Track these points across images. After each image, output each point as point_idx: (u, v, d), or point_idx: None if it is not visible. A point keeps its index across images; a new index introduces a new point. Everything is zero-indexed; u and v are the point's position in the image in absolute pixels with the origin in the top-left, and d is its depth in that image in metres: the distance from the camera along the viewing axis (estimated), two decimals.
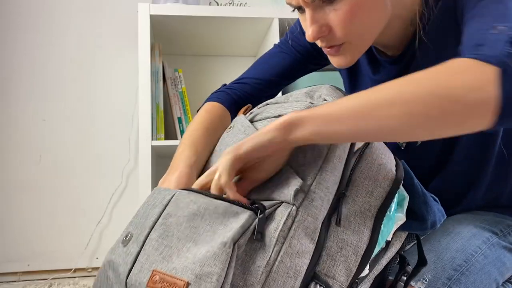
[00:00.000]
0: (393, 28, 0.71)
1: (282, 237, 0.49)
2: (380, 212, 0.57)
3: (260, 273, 0.47)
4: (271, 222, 0.50)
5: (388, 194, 0.58)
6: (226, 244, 0.45)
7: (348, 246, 0.55)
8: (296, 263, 0.50)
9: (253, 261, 0.48)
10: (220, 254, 0.45)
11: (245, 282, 0.47)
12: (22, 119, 1.69)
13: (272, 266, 0.48)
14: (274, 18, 1.48)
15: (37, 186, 1.67)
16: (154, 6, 1.44)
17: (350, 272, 0.55)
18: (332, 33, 0.65)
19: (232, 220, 0.48)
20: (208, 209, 0.50)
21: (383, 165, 0.59)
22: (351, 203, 0.57)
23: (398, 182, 0.59)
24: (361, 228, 0.56)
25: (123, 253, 0.53)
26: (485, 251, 0.72)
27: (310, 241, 0.51)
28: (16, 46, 1.71)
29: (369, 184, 0.58)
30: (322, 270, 0.53)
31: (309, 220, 0.51)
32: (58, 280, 1.62)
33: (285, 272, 0.49)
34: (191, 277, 0.44)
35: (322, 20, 0.64)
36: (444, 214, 0.67)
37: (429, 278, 0.66)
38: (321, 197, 0.52)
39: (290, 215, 0.50)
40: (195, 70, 1.82)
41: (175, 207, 0.53)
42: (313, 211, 0.51)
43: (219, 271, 0.44)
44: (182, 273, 0.45)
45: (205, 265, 0.44)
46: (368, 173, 0.58)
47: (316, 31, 0.64)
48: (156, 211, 0.54)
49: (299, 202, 0.51)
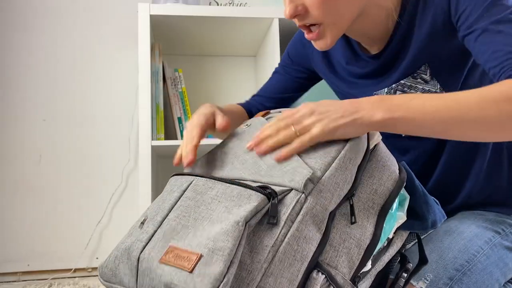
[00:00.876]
0: (372, 15, 0.75)
1: (290, 221, 0.51)
2: (383, 209, 0.60)
3: (267, 252, 0.49)
4: (280, 206, 0.52)
5: (391, 193, 0.60)
6: (239, 223, 0.48)
7: (351, 239, 0.57)
8: (303, 247, 0.51)
9: (260, 241, 0.50)
10: (232, 231, 0.47)
11: (253, 260, 0.49)
12: (22, 119, 1.69)
13: (279, 246, 0.50)
14: (274, 18, 1.48)
15: (37, 186, 1.67)
16: (154, 6, 1.44)
17: (352, 265, 0.56)
18: (307, 13, 0.72)
19: (246, 201, 0.51)
20: (225, 193, 0.54)
21: (387, 167, 0.62)
22: (355, 199, 0.59)
23: (402, 183, 0.62)
24: (364, 223, 0.58)
25: (138, 233, 0.56)
26: (487, 251, 0.72)
27: (317, 230, 0.53)
28: (16, 46, 1.71)
29: (374, 183, 0.60)
30: (324, 260, 0.55)
31: (317, 209, 0.53)
32: (58, 280, 1.62)
33: (292, 255, 0.50)
34: (205, 250, 0.47)
35: (298, 0, 0.72)
36: (445, 215, 0.68)
37: (430, 278, 0.67)
38: (330, 190, 0.54)
39: (299, 201, 0.52)
40: (195, 70, 1.82)
41: (193, 192, 0.57)
42: (322, 201, 0.53)
43: (230, 246, 0.46)
44: (196, 248, 0.48)
45: (219, 240, 0.47)
46: (373, 172, 0.60)
47: (292, 9, 0.72)
48: (175, 195, 0.58)
49: (308, 191, 0.53)
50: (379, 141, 0.63)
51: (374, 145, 0.62)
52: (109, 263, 0.57)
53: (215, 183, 0.57)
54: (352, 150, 0.57)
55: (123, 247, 0.56)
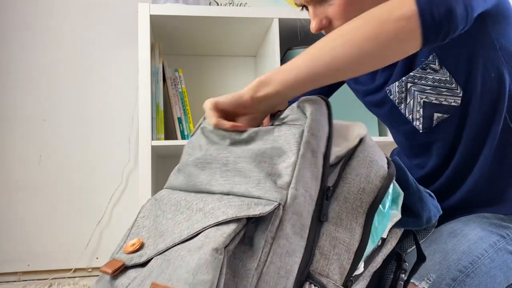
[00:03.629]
0: None
1: (271, 238, 0.48)
2: (372, 208, 0.57)
3: (251, 276, 0.47)
4: (259, 223, 0.49)
5: (379, 190, 0.58)
6: (218, 251, 0.45)
7: (341, 244, 0.55)
8: (286, 262, 0.49)
9: (243, 264, 0.47)
10: (212, 261, 0.44)
11: (237, 286, 0.47)
12: (22, 119, 1.69)
13: (263, 268, 0.48)
14: (274, 18, 1.48)
15: (37, 186, 1.67)
16: (154, 6, 1.44)
17: (343, 270, 0.55)
18: (331, 25, 0.78)
19: (223, 224, 0.48)
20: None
21: (375, 162, 0.59)
22: (342, 200, 0.56)
23: (390, 178, 0.59)
24: (353, 225, 0.56)
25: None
26: (491, 254, 0.72)
27: (300, 239, 0.51)
28: (16, 46, 1.71)
29: (361, 181, 0.57)
30: (316, 270, 0.53)
31: (295, 218, 0.50)
32: (58, 280, 1.62)
33: (276, 273, 0.48)
34: (185, 286, 0.43)
35: (322, 14, 0.78)
36: (440, 210, 0.68)
37: (433, 278, 0.66)
38: (302, 193, 0.51)
39: (277, 215, 0.49)
40: (195, 70, 1.82)
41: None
42: (297, 208, 0.51)
43: (211, 278, 0.43)
44: (177, 283, 0.44)
45: (198, 273, 0.44)
46: (359, 170, 0.58)
47: (318, 23, 0.77)
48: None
49: (283, 200, 0.50)
50: (364, 134, 0.60)
51: (359, 138, 0.59)
52: None
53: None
54: (312, 139, 0.54)
55: (108, 279, 0.53)
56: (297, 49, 1.54)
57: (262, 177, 0.52)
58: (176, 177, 0.63)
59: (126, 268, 0.53)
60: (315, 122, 0.54)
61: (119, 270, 0.52)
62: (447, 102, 0.79)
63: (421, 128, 0.83)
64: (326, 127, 0.56)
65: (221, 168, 0.56)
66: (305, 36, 1.57)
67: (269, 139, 0.56)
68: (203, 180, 0.57)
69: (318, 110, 0.56)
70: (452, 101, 0.79)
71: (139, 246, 0.54)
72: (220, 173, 0.56)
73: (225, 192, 0.54)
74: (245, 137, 0.58)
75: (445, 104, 0.79)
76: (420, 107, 0.82)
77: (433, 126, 0.82)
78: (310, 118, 0.54)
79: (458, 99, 0.78)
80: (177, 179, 0.62)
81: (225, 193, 0.54)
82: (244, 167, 0.54)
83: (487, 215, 0.80)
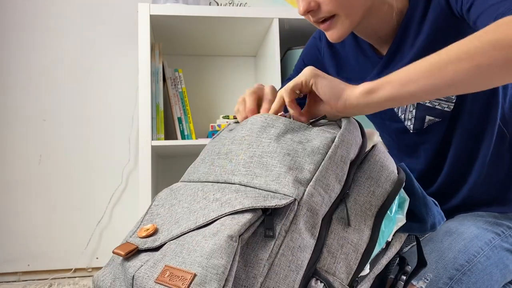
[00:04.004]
0: (380, 13, 0.78)
1: (284, 231, 0.50)
2: (381, 211, 0.58)
3: (262, 266, 0.48)
4: (274, 217, 0.50)
5: (389, 194, 0.59)
6: (233, 238, 0.46)
7: (349, 244, 0.56)
8: (297, 257, 0.50)
9: (255, 254, 0.49)
10: (226, 247, 0.46)
11: (248, 275, 0.48)
12: (22, 119, 1.69)
13: (274, 259, 0.49)
14: (274, 18, 1.48)
15: (37, 186, 1.67)
16: (154, 6, 1.44)
17: (350, 270, 0.56)
18: (320, 8, 0.75)
19: (239, 214, 0.50)
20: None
21: (386, 167, 0.60)
22: (352, 202, 0.57)
23: (400, 183, 0.60)
24: (362, 226, 0.57)
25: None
26: (487, 252, 0.72)
27: (311, 236, 0.52)
28: (16, 46, 1.71)
29: (371, 184, 0.59)
30: (322, 267, 0.54)
31: (309, 215, 0.52)
32: (58, 280, 1.62)
33: (287, 266, 0.49)
34: (198, 269, 0.45)
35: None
36: (444, 217, 0.68)
37: (430, 277, 0.67)
38: (321, 193, 0.53)
39: (292, 210, 0.50)
40: (195, 70, 1.82)
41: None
42: (313, 206, 0.52)
43: (224, 263, 0.45)
44: (190, 266, 0.46)
45: (212, 257, 0.45)
46: (371, 173, 0.59)
47: (306, 5, 0.74)
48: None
49: (300, 196, 0.51)
50: (377, 141, 0.62)
51: (372, 145, 0.61)
52: (105, 278, 0.55)
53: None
54: (342, 145, 0.56)
55: (119, 261, 0.54)
56: (297, 49, 1.54)
57: (283, 172, 0.54)
58: (195, 169, 0.64)
59: (139, 251, 0.53)
60: (348, 131, 0.57)
61: (132, 253, 0.53)
62: (440, 106, 0.81)
63: (411, 128, 0.85)
64: (358, 137, 0.59)
65: (245, 160, 0.58)
66: (305, 36, 1.57)
67: (302, 135, 0.58)
68: (227, 170, 0.59)
69: (352, 123, 0.59)
70: (446, 106, 0.80)
71: (153, 231, 0.55)
72: (244, 163, 0.58)
73: (244, 183, 0.55)
74: (282, 128, 0.60)
75: (438, 109, 0.81)
76: (413, 108, 0.83)
77: (423, 128, 0.83)
78: (344, 128, 0.57)
79: (451, 105, 0.80)
80: (197, 171, 0.63)
81: (243, 184, 0.55)
82: (268, 161, 0.56)
83: (482, 213, 0.81)
